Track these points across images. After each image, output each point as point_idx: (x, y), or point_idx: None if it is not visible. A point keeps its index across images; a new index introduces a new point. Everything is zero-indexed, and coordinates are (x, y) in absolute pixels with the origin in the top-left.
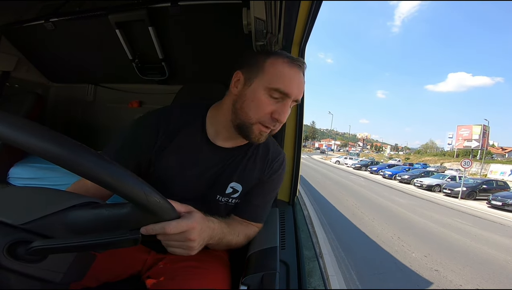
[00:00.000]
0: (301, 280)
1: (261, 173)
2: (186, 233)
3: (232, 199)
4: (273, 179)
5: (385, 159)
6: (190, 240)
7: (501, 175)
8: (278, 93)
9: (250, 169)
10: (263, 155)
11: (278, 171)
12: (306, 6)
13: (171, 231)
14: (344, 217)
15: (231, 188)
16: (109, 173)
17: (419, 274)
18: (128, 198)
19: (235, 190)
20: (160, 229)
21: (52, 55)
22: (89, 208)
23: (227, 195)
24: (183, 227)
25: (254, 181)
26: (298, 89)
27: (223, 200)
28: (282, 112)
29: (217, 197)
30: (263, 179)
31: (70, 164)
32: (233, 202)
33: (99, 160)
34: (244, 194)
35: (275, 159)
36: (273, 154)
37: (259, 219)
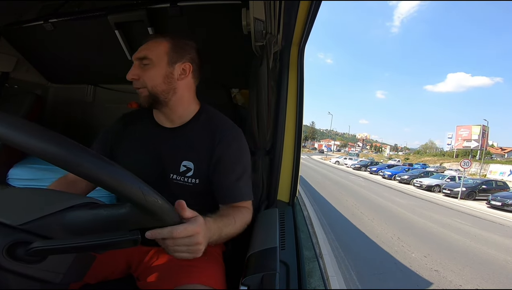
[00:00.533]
0: (301, 280)
1: (209, 147)
2: (193, 237)
3: (188, 178)
4: (230, 154)
5: (384, 160)
6: (198, 244)
7: (501, 175)
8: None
9: (197, 142)
10: (208, 125)
11: (233, 145)
12: (306, 6)
13: (179, 235)
14: (344, 218)
15: (184, 166)
16: (106, 173)
17: (419, 274)
18: (126, 197)
19: (188, 168)
20: (167, 234)
21: (52, 55)
22: (88, 208)
23: (181, 174)
24: (190, 231)
25: (205, 157)
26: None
27: (180, 179)
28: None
29: (171, 176)
30: (219, 156)
31: (67, 164)
32: (191, 182)
33: (97, 160)
34: (200, 173)
35: (224, 132)
36: (220, 128)
37: (240, 197)
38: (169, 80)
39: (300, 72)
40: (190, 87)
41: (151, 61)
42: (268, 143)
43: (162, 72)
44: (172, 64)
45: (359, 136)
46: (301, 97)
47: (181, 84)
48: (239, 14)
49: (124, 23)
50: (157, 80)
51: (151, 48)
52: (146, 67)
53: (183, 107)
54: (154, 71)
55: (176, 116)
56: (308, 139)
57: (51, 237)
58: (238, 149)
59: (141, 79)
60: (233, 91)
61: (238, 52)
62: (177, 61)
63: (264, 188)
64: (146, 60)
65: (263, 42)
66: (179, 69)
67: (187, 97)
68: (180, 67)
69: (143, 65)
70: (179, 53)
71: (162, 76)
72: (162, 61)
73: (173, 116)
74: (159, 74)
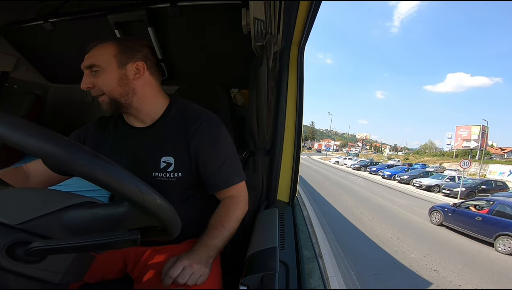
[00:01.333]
0: (301, 280)
1: (185, 140)
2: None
3: (169, 173)
4: (207, 143)
5: (384, 160)
6: (191, 268)
7: (500, 175)
8: None
9: (171, 137)
10: (180, 118)
11: (208, 133)
12: (305, 6)
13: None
14: (343, 218)
15: (164, 162)
16: (103, 171)
17: (419, 274)
18: (123, 196)
19: (169, 164)
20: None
21: (51, 55)
22: (86, 207)
23: (162, 170)
24: (179, 266)
25: (183, 149)
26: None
27: (162, 176)
28: None
29: (153, 174)
30: (196, 148)
31: (63, 161)
32: (174, 177)
33: (93, 158)
34: (181, 166)
35: (196, 123)
36: (191, 119)
37: (229, 182)
38: (125, 82)
39: (300, 72)
40: (150, 84)
41: (100, 67)
42: (268, 143)
43: (114, 75)
44: (123, 66)
45: (358, 136)
46: (301, 97)
47: (139, 83)
48: (239, 14)
49: (124, 23)
50: (112, 85)
51: (97, 55)
52: (97, 74)
53: (148, 105)
54: (106, 76)
55: (144, 115)
56: (308, 139)
57: (50, 237)
58: (214, 136)
59: (96, 87)
60: (233, 91)
61: (238, 52)
62: (128, 62)
63: (263, 188)
64: (95, 67)
65: (263, 42)
66: (131, 69)
67: (149, 94)
68: (132, 67)
69: (93, 72)
70: (128, 53)
71: (116, 80)
72: (112, 65)
73: (141, 116)
74: (112, 78)
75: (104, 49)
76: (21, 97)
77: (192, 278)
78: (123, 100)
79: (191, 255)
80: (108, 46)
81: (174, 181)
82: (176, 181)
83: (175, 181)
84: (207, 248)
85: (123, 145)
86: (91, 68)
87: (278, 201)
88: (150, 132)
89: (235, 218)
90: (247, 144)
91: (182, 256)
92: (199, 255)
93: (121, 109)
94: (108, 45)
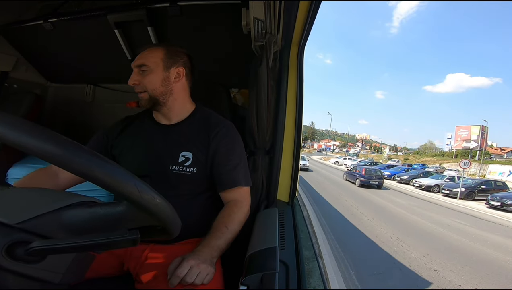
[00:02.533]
0: (301, 280)
1: (205, 137)
2: (193, 268)
3: (186, 167)
4: (225, 146)
5: (384, 160)
6: (198, 267)
7: (500, 175)
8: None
9: (193, 136)
10: (203, 122)
11: (227, 138)
12: (305, 6)
13: (183, 273)
14: (343, 218)
15: (182, 157)
16: (101, 169)
17: (418, 274)
18: (121, 194)
19: (187, 158)
20: (175, 280)
21: (51, 55)
22: (84, 207)
23: (180, 164)
24: (186, 266)
25: (203, 148)
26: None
27: (179, 169)
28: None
29: (171, 167)
30: (215, 149)
31: (62, 161)
32: (189, 171)
33: (91, 156)
34: (198, 162)
35: (217, 127)
36: (214, 124)
37: (236, 183)
38: (166, 83)
39: (300, 72)
40: (184, 88)
41: (149, 68)
42: (268, 143)
43: (159, 76)
44: (167, 69)
45: (358, 136)
46: (300, 97)
47: (177, 86)
48: (239, 14)
49: (123, 22)
50: (155, 84)
51: (148, 56)
52: (144, 73)
53: (179, 106)
54: (152, 76)
55: (173, 114)
56: (307, 140)
57: (49, 236)
58: (232, 140)
59: (141, 84)
60: (233, 91)
61: (238, 52)
62: (172, 66)
63: (263, 188)
64: (144, 67)
65: (263, 42)
66: (174, 73)
67: (182, 97)
68: (174, 71)
69: (141, 71)
70: (173, 58)
71: (160, 80)
72: (159, 67)
73: (170, 115)
74: (157, 79)
75: (154, 52)
76: (20, 97)
77: (199, 277)
78: (161, 98)
79: (196, 255)
80: (158, 49)
81: (188, 176)
82: (191, 175)
83: (190, 176)
84: (211, 248)
85: (147, 138)
86: (141, 67)
87: (278, 201)
88: (175, 129)
89: (238, 221)
90: (247, 144)
91: (188, 256)
92: (204, 255)
93: (157, 106)
94: (158, 48)
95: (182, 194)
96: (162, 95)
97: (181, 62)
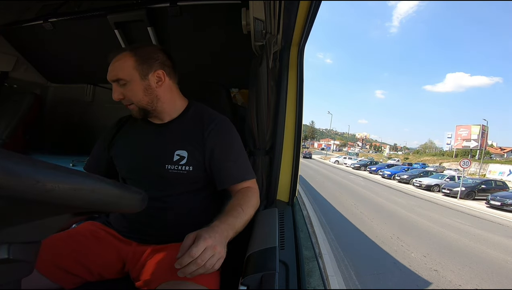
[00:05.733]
0: (301, 280)
1: (201, 137)
2: (207, 249)
3: (181, 166)
4: (222, 141)
5: (384, 159)
6: (214, 249)
7: (500, 175)
8: None
9: (187, 134)
10: (197, 118)
11: (223, 133)
12: (305, 6)
13: (198, 253)
14: (343, 217)
15: (178, 155)
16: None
17: (418, 274)
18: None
19: (182, 157)
20: (188, 258)
21: (51, 55)
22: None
23: (175, 163)
24: (202, 245)
25: (198, 145)
26: (110, 73)
27: (174, 168)
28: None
29: (166, 166)
30: (212, 146)
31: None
32: (185, 170)
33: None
34: (194, 160)
35: (212, 123)
36: (209, 120)
37: (242, 177)
38: (149, 92)
39: (300, 72)
40: (170, 88)
41: (126, 80)
42: (268, 143)
43: (139, 87)
44: (145, 77)
45: (358, 135)
46: (300, 96)
47: (161, 90)
48: (239, 14)
49: (123, 22)
50: (139, 95)
51: (119, 68)
52: (124, 86)
53: (169, 106)
54: (132, 88)
55: (165, 114)
56: (308, 139)
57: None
58: (229, 135)
59: (126, 98)
60: (232, 91)
61: (238, 52)
62: (149, 72)
63: (263, 187)
64: (121, 80)
65: (263, 42)
66: (153, 79)
67: (170, 97)
68: (154, 77)
69: (121, 85)
70: (147, 63)
71: (141, 91)
72: (135, 78)
73: (162, 116)
74: (138, 89)
75: (123, 62)
76: (20, 97)
77: (210, 262)
78: (150, 107)
79: (213, 232)
80: (126, 58)
81: (184, 174)
82: (187, 174)
83: (186, 174)
84: (227, 226)
85: (141, 139)
86: (118, 81)
87: (278, 201)
88: (168, 128)
89: (252, 205)
90: (247, 144)
91: (204, 233)
92: (220, 234)
93: (148, 114)
94: (126, 57)
95: (180, 193)
96: (148, 104)
97: (157, 63)
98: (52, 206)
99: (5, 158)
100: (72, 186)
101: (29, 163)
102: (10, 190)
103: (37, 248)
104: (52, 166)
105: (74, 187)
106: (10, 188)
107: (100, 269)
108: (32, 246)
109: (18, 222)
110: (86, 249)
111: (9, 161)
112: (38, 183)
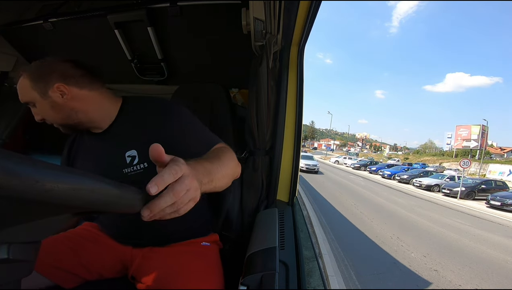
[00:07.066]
0: (301, 280)
1: (145, 128)
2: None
3: (135, 165)
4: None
5: (384, 159)
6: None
7: (500, 175)
8: None
9: (130, 133)
10: (138, 115)
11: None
12: (305, 7)
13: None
14: (343, 217)
15: (129, 157)
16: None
17: (418, 274)
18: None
19: (133, 157)
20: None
21: (51, 55)
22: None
23: (129, 165)
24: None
25: (145, 138)
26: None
27: (131, 171)
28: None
29: (124, 171)
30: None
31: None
32: (140, 168)
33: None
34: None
35: (156, 108)
36: (149, 106)
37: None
38: (59, 108)
39: (300, 72)
40: (86, 97)
41: (31, 102)
42: (268, 143)
43: (45, 106)
44: (45, 95)
45: (358, 135)
46: (300, 97)
47: (76, 102)
48: (239, 14)
49: (123, 22)
50: (50, 114)
51: (20, 92)
52: (34, 108)
53: (99, 113)
54: (40, 108)
55: (100, 122)
56: (307, 139)
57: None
58: (179, 114)
59: (45, 118)
60: (232, 91)
61: (237, 52)
62: (47, 90)
63: (263, 188)
64: (28, 103)
65: (263, 42)
66: (55, 94)
67: (94, 106)
68: (55, 93)
69: (32, 106)
70: (42, 81)
71: (49, 109)
72: (36, 98)
73: (97, 124)
74: (46, 109)
75: (21, 84)
76: None
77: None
78: (70, 122)
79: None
80: (23, 80)
81: (142, 172)
82: (144, 172)
83: (143, 172)
84: (203, 168)
85: (92, 152)
86: (27, 104)
87: (277, 201)
88: (109, 134)
89: (229, 157)
90: (246, 144)
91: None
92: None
93: (76, 128)
94: (22, 80)
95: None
96: (66, 119)
97: (55, 76)
98: (51, 206)
99: (5, 158)
100: (71, 186)
101: (29, 163)
102: (10, 190)
103: (37, 248)
104: (51, 165)
105: (73, 187)
106: (10, 188)
107: (99, 268)
108: (32, 246)
109: (18, 222)
110: (85, 249)
111: (9, 161)
112: (37, 183)
